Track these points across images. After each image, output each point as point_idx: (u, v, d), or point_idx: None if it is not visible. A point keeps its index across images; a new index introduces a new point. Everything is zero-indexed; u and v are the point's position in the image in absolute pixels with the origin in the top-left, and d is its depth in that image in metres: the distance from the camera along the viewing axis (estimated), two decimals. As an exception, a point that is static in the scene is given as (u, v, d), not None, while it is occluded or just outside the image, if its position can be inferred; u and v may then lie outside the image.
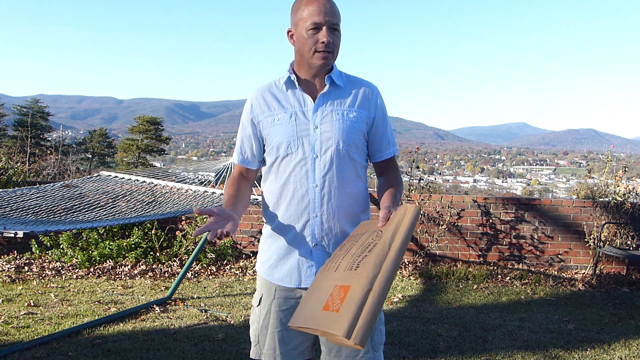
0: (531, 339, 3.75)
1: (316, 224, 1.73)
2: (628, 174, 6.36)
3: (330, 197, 1.73)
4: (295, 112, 1.76)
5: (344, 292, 1.40)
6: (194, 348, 3.40)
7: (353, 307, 1.34)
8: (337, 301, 1.39)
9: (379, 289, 1.37)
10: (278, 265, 1.80)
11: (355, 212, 1.78)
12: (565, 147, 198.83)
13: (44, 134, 29.98)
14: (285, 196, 1.76)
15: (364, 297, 1.35)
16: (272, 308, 1.80)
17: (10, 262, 5.57)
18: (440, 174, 73.73)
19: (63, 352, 3.27)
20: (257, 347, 1.84)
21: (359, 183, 1.79)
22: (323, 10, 1.66)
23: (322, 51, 1.68)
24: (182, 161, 50.16)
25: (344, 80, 1.81)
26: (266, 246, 1.85)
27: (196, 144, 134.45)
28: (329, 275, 1.53)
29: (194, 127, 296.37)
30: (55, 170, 12.66)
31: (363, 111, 1.78)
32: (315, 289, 1.53)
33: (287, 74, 1.80)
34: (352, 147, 1.75)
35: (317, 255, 1.75)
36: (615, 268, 5.66)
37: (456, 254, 5.84)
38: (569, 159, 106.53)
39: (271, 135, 1.78)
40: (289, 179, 1.75)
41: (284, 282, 1.78)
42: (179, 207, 4.01)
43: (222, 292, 4.77)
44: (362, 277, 1.40)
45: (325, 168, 1.73)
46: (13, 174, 6.26)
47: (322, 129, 1.74)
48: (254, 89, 1.87)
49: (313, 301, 1.49)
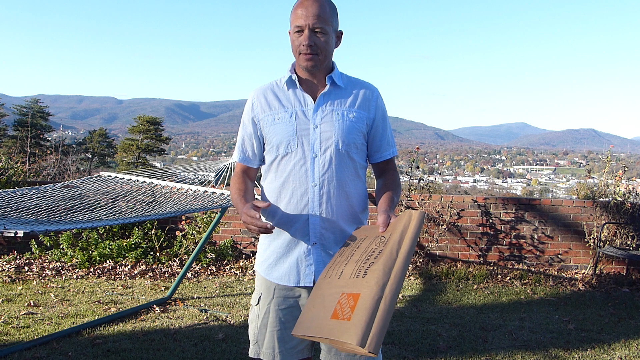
0: (531, 339, 3.75)
1: (315, 223, 1.74)
2: (628, 174, 6.37)
3: (329, 196, 1.74)
4: (296, 111, 1.78)
5: (354, 300, 1.39)
6: (194, 348, 3.40)
7: (366, 315, 1.33)
8: (347, 309, 1.38)
9: (390, 297, 1.37)
10: (277, 264, 1.80)
11: (354, 212, 1.79)
12: (565, 147, 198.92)
13: (44, 134, 29.97)
14: (285, 195, 1.77)
15: (376, 305, 1.35)
16: (271, 307, 1.80)
17: (10, 262, 5.57)
18: (440, 174, 73.75)
19: (63, 352, 3.27)
20: (256, 346, 1.85)
21: (358, 183, 1.80)
22: (306, 14, 1.69)
23: (304, 53, 1.72)
24: (182, 161, 50.15)
25: (344, 81, 1.83)
26: (265, 245, 1.87)
27: (196, 144, 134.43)
28: (333, 283, 1.51)
29: (194, 127, 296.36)
30: (55, 170, 12.66)
31: (363, 112, 1.79)
32: (319, 297, 1.51)
33: (288, 73, 1.81)
34: (352, 147, 1.77)
35: (316, 254, 1.75)
36: (615, 268, 5.66)
37: (456, 254, 5.84)
38: (569, 159, 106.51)
39: (271, 134, 1.79)
40: (288, 178, 1.77)
41: (283, 281, 1.79)
42: (179, 207, 4.01)
43: (222, 292, 4.77)
44: (372, 284, 1.39)
45: (324, 167, 1.74)
46: (13, 174, 6.26)
47: (322, 129, 1.75)
48: (255, 88, 1.89)
49: (318, 309, 1.48)
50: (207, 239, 4.60)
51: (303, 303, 1.79)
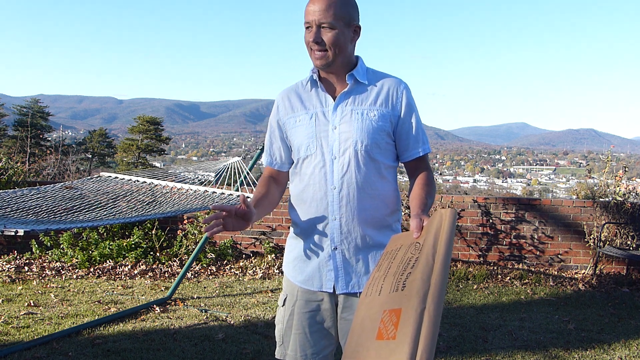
0: (531, 339, 3.75)
1: (335, 227, 1.68)
2: (628, 174, 6.37)
3: (348, 199, 1.67)
4: (316, 112, 1.72)
5: (396, 317, 1.27)
6: (194, 348, 3.40)
7: (410, 331, 1.21)
8: (390, 328, 1.27)
9: (434, 306, 1.25)
10: (300, 268, 1.77)
11: (379, 215, 1.71)
12: (565, 147, 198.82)
13: (44, 134, 29.98)
14: (306, 198, 1.73)
15: (420, 318, 1.23)
16: (295, 310, 1.77)
17: (10, 262, 5.57)
18: (441, 174, 73.72)
19: (63, 352, 3.27)
20: (281, 348, 1.82)
21: (384, 184, 1.71)
22: (312, 10, 1.64)
23: (313, 50, 1.66)
24: (182, 161, 50.15)
25: (369, 77, 1.74)
26: (291, 247, 1.83)
27: (196, 144, 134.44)
28: (374, 301, 1.40)
29: (194, 127, 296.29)
30: (55, 170, 12.66)
31: (386, 109, 1.70)
32: (363, 319, 1.40)
33: (310, 72, 1.75)
34: (373, 147, 1.68)
35: (336, 259, 1.70)
36: (615, 268, 5.66)
37: (456, 254, 5.84)
38: (569, 159, 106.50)
39: (293, 137, 1.75)
40: (309, 181, 1.72)
41: (306, 285, 1.75)
42: (179, 207, 4.01)
43: (222, 292, 4.77)
44: (413, 296, 1.27)
45: (343, 170, 1.67)
46: (13, 174, 6.26)
47: (341, 130, 1.69)
48: (282, 90, 1.84)
49: (363, 332, 1.36)
50: (207, 239, 4.60)
51: (326, 307, 1.74)
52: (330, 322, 1.76)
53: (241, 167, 4.65)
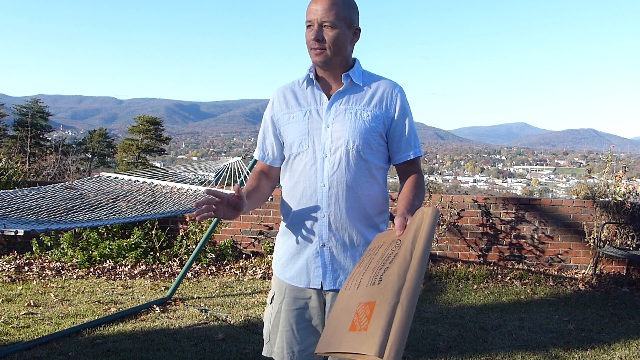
0: (531, 339, 3.75)
1: (323, 224, 1.71)
2: (628, 174, 6.37)
3: (337, 197, 1.69)
4: (310, 110, 1.75)
5: (370, 309, 1.30)
6: (194, 348, 3.40)
7: (381, 323, 1.24)
8: (363, 319, 1.30)
9: (407, 301, 1.28)
10: (289, 264, 1.79)
11: (368, 215, 1.73)
12: (565, 147, 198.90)
13: (44, 134, 29.97)
14: (296, 194, 1.75)
15: (392, 312, 1.26)
16: (283, 307, 1.79)
17: (10, 262, 5.57)
18: (441, 174, 73.71)
19: (63, 352, 3.27)
20: (268, 345, 1.83)
21: (373, 185, 1.73)
22: (314, 9, 1.67)
23: (313, 48, 1.69)
24: (182, 161, 50.16)
25: (365, 78, 1.77)
26: (280, 244, 1.85)
27: (196, 144, 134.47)
28: (352, 295, 1.43)
29: (194, 127, 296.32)
30: (55, 170, 12.66)
31: (380, 111, 1.72)
32: (339, 311, 1.44)
33: (307, 71, 1.78)
34: (365, 147, 1.70)
35: (324, 256, 1.72)
36: (615, 268, 5.66)
37: (456, 254, 5.84)
38: (569, 159, 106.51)
39: (286, 133, 1.78)
40: (299, 178, 1.74)
41: (294, 282, 1.77)
42: (179, 207, 4.01)
43: (222, 292, 4.77)
44: (387, 290, 1.31)
45: (333, 168, 1.70)
46: (13, 174, 6.26)
47: (334, 128, 1.71)
48: (278, 87, 1.86)
49: (338, 324, 1.40)
50: (207, 239, 4.61)
51: (313, 305, 1.77)
52: (318, 319, 1.78)
53: (241, 167, 4.65)
